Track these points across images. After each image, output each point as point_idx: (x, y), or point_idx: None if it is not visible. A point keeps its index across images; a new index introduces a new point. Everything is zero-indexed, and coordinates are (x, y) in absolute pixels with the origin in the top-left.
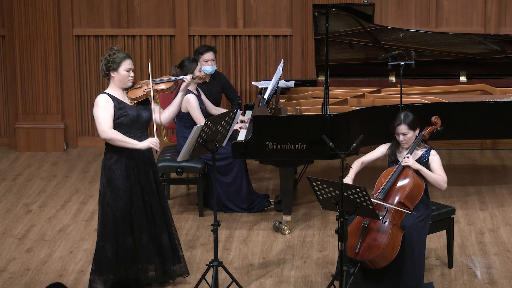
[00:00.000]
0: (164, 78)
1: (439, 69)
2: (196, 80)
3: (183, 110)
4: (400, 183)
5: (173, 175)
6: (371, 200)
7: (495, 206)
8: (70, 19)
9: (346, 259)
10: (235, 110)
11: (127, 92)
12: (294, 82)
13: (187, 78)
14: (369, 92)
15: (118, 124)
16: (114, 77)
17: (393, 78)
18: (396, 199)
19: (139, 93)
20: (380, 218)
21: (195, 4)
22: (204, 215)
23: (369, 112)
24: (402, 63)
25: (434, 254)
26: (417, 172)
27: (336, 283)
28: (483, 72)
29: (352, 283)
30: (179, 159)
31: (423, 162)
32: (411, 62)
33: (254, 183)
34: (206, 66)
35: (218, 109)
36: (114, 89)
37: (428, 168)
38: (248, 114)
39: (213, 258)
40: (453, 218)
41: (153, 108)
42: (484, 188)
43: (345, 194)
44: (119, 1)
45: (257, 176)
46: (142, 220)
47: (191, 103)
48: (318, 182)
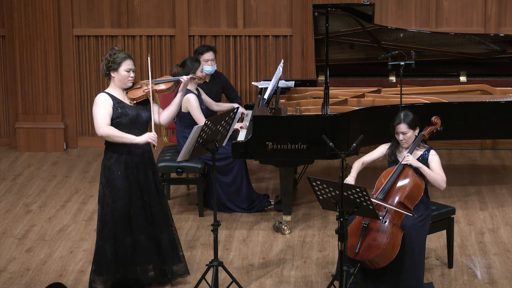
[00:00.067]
0: (163, 79)
1: (439, 69)
2: (196, 80)
3: (183, 109)
4: (400, 183)
5: (173, 175)
6: (371, 200)
7: (495, 206)
8: (70, 19)
9: (346, 259)
10: (235, 110)
11: (127, 93)
12: (294, 82)
13: (184, 79)
14: (369, 92)
15: (117, 123)
16: (114, 77)
17: (393, 78)
18: (396, 199)
19: (138, 93)
20: (380, 218)
21: (195, 4)
22: (204, 215)
23: (369, 112)
24: (402, 63)
25: (434, 254)
26: (417, 171)
27: (336, 283)
28: (483, 72)
29: (352, 283)
30: (179, 159)
31: (422, 162)
32: (411, 62)
33: (254, 183)
34: (206, 66)
35: (220, 104)
36: (114, 89)
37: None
38: (248, 114)
39: (213, 258)
40: (453, 218)
41: (152, 108)
42: (484, 188)
43: (345, 194)
44: (119, 1)
45: (257, 176)
46: (141, 220)
47: (192, 102)
48: (318, 182)
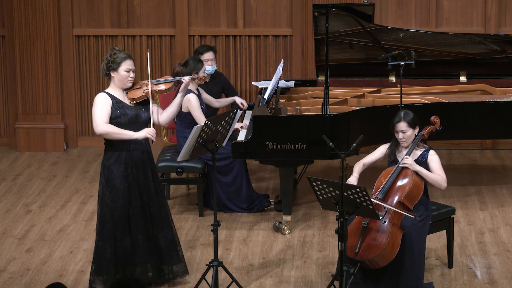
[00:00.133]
0: (163, 79)
1: (439, 69)
2: (196, 80)
3: (183, 109)
4: (399, 182)
5: (173, 175)
6: (371, 200)
7: (495, 206)
8: (70, 19)
9: (346, 259)
10: (235, 110)
11: (127, 93)
12: (294, 82)
13: (185, 79)
14: (369, 92)
15: (116, 123)
16: (114, 77)
17: (393, 78)
18: (396, 198)
19: (138, 93)
20: (380, 218)
21: (195, 4)
22: (204, 215)
23: (369, 112)
24: (402, 63)
25: (434, 254)
26: (416, 172)
27: (336, 283)
28: (483, 72)
29: (352, 283)
30: (179, 159)
31: (421, 161)
32: (411, 62)
33: (254, 183)
34: (206, 66)
35: (220, 100)
36: (114, 89)
37: (427, 168)
38: (248, 114)
39: (213, 258)
40: (453, 218)
41: (151, 109)
42: (484, 188)
43: (345, 194)
44: (119, 1)
45: (257, 176)
46: (140, 220)
47: (192, 102)
48: (318, 182)
